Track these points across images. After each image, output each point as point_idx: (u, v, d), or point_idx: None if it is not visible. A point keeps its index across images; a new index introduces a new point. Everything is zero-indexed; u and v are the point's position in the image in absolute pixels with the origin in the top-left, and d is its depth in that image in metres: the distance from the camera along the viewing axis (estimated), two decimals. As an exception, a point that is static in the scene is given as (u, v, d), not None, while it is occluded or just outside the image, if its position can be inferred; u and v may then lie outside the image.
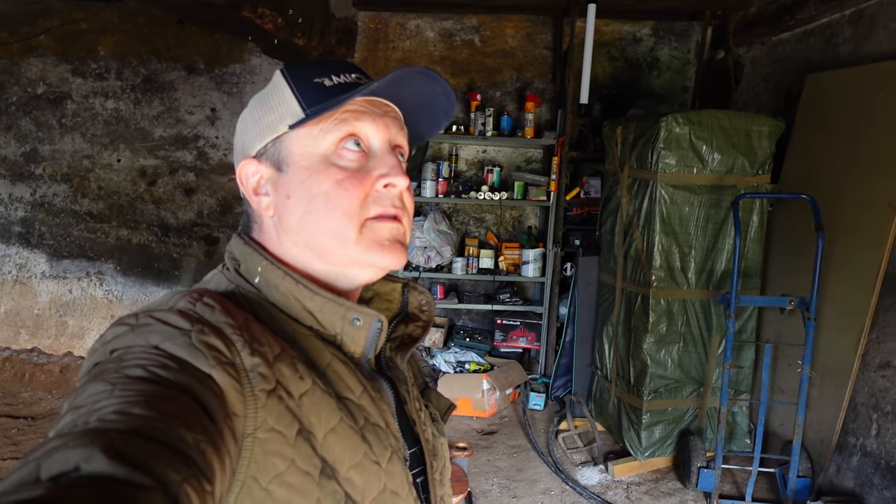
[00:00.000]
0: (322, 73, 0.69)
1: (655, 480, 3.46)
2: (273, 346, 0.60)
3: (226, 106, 4.75)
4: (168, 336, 0.55)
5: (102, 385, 0.48)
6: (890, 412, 2.79)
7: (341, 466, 0.60)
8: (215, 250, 4.87)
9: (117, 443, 0.41)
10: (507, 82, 4.84)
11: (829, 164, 3.27)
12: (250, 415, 0.55)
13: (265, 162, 0.70)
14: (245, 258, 0.70)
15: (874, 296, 2.92)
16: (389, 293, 0.81)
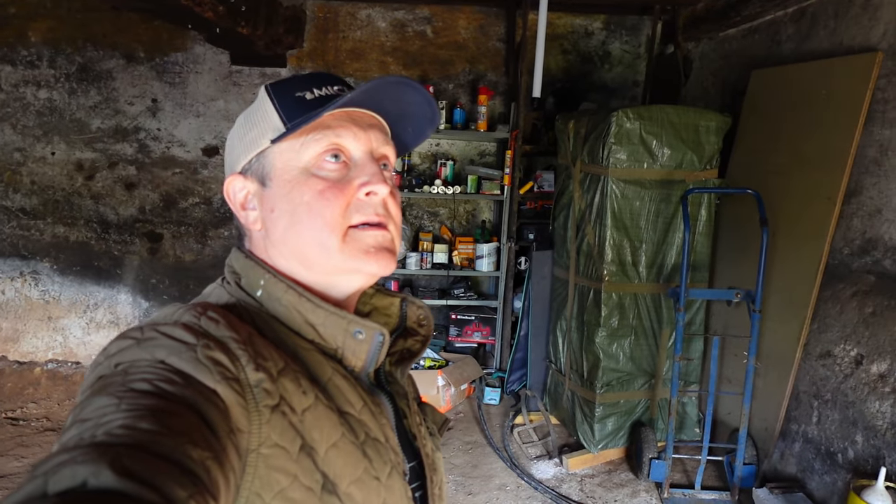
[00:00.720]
0: (304, 87, 0.70)
1: (608, 472, 3.50)
2: (277, 361, 0.61)
3: (168, 96, 4.56)
4: (174, 350, 0.55)
5: (108, 398, 0.48)
6: (830, 400, 2.88)
7: (342, 481, 0.60)
8: (159, 247, 4.70)
9: (125, 458, 0.41)
10: (460, 75, 4.80)
11: (773, 159, 3.34)
12: (254, 431, 0.55)
13: (251, 177, 0.71)
14: (247, 272, 0.70)
15: (815, 287, 3.00)
16: (388, 307, 0.81)
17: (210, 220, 4.71)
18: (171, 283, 4.74)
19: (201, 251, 4.73)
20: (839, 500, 2.72)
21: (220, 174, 4.67)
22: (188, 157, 4.63)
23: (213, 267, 4.74)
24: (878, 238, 2.77)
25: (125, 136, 4.58)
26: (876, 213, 2.78)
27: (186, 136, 4.62)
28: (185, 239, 4.71)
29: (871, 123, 2.83)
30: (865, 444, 2.67)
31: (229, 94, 4.60)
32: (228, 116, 4.61)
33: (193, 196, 4.68)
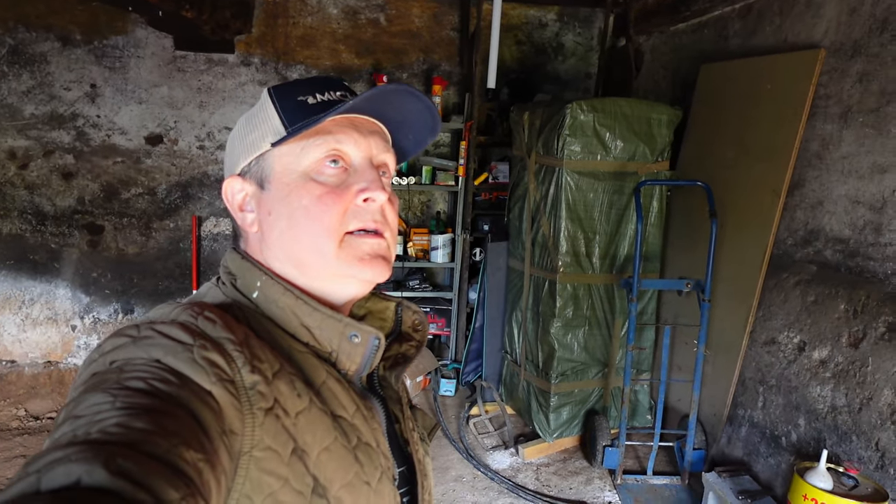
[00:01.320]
0: (307, 91, 0.70)
1: (563, 460, 3.54)
2: (272, 363, 0.61)
3: (108, 82, 4.35)
4: (170, 350, 0.54)
5: (103, 396, 0.48)
6: (774, 385, 2.98)
7: (332, 485, 0.60)
8: (100, 240, 4.49)
9: (119, 458, 0.41)
10: (414, 64, 4.74)
11: (722, 152, 3.43)
12: (248, 433, 0.55)
13: (249, 179, 0.71)
14: (243, 273, 0.70)
15: (761, 277, 3.10)
16: (383, 311, 0.81)
17: (155, 212, 4.53)
18: (113, 277, 4.54)
19: (146, 244, 4.55)
20: (783, 481, 2.82)
21: (165, 163, 4.49)
22: (130, 145, 4.44)
23: (159, 259, 4.57)
24: (819, 229, 2.87)
25: (62, 123, 4.35)
26: (818, 205, 2.88)
27: (128, 124, 4.42)
28: (129, 231, 4.52)
29: (813, 118, 2.92)
30: (808, 427, 2.77)
31: (174, 81, 4.42)
32: (173, 103, 4.44)
33: (136, 186, 4.49)
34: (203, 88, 4.47)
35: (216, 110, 4.52)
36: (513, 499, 3.16)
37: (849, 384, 2.58)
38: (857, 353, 2.56)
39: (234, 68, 4.49)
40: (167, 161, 4.50)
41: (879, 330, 2.48)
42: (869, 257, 2.61)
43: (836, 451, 2.59)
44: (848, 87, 2.75)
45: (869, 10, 2.66)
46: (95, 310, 4.55)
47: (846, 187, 2.74)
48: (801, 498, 2.29)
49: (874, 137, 2.61)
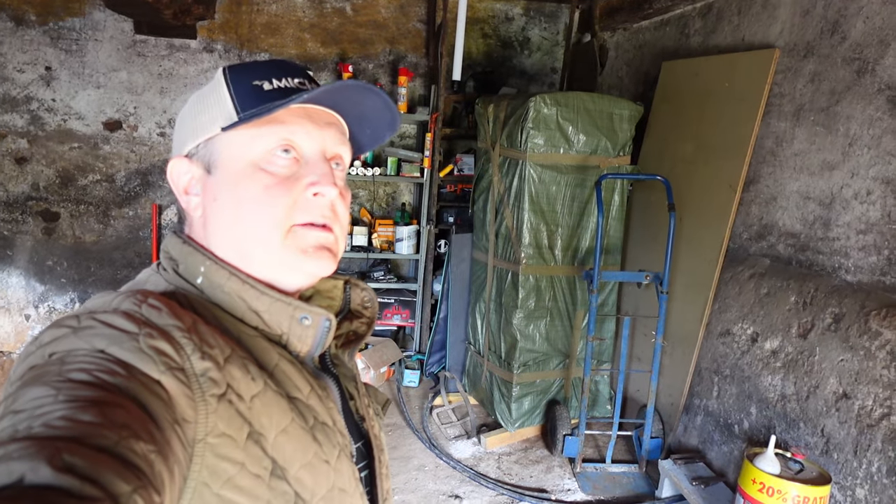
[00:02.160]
0: (263, 75, 0.68)
1: (525, 449, 3.59)
2: (223, 348, 0.59)
3: (63, 65, 4.23)
4: (114, 340, 0.52)
5: (45, 389, 0.46)
6: (728, 375, 3.08)
7: (291, 466, 0.60)
8: (56, 227, 4.37)
9: (64, 453, 0.39)
10: (380, 55, 4.72)
11: (681, 148, 3.50)
12: (201, 420, 0.54)
13: (196, 162, 0.69)
14: (185, 258, 0.68)
15: (717, 270, 3.19)
16: (330, 290, 0.80)
17: (113, 199, 4.43)
18: (70, 266, 4.43)
19: (103, 231, 4.45)
20: (735, 468, 2.92)
21: (124, 150, 4.39)
22: (88, 131, 4.32)
23: (117, 248, 4.47)
24: (773, 224, 2.96)
25: (14, 107, 4.22)
26: (772, 201, 2.98)
27: (85, 109, 4.30)
28: (86, 218, 4.41)
29: (768, 116, 3.01)
30: (759, 415, 2.87)
31: (133, 66, 4.32)
32: (132, 89, 4.33)
33: (94, 173, 4.37)
34: (164, 74, 4.38)
35: (178, 97, 4.43)
36: (474, 487, 3.19)
37: (797, 373, 2.67)
38: (805, 344, 2.66)
39: (196, 54, 4.41)
40: (126, 147, 4.40)
41: (826, 321, 2.58)
42: (818, 251, 2.70)
43: (785, 437, 2.68)
44: (800, 86, 2.84)
45: (821, 13, 2.75)
46: (51, 299, 4.43)
47: (798, 184, 2.83)
48: (750, 482, 2.37)
49: (824, 136, 2.70)
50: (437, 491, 3.16)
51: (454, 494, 3.13)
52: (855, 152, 2.55)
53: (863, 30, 2.55)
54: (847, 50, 2.61)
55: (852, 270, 2.54)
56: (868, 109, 2.50)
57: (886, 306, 2.35)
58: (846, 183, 2.58)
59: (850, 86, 2.59)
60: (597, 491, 3.18)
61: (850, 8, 2.61)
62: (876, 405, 2.31)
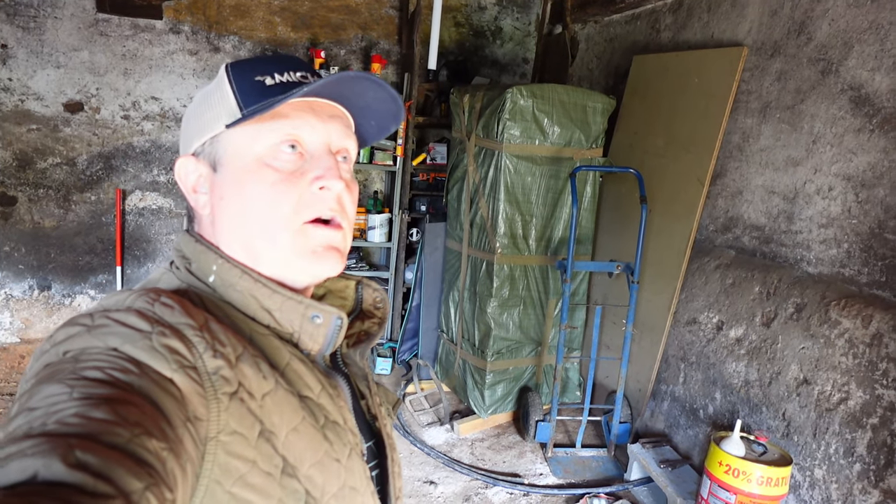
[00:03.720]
0: (266, 70, 0.68)
1: (497, 435, 3.67)
2: (235, 346, 0.60)
3: (21, 43, 4.05)
4: (128, 338, 0.53)
5: (59, 387, 0.46)
6: (694, 362, 3.20)
7: (302, 465, 0.60)
8: (13, 212, 4.21)
9: (77, 450, 0.40)
10: (353, 40, 4.67)
11: (652, 141, 3.59)
12: (213, 418, 0.54)
13: (202, 160, 0.69)
14: (197, 256, 0.68)
15: (685, 261, 3.29)
16: (342, 290, 0.81)
17: (74, 184, 4.29)
18: (28, 251, 4.28)
19: (64, 217, 4.30)
20: (700, 450, 3.04)
21: (86, 133, 4.25)
22: (47, 112, 4.16)
23: (79, 234, 4.33)
24: (738, 217, 3.08)
25: (-32, 86, 4.03)
26: (737, 194, 3.09)
27: (44, 89, 4.14)
28: (45, 203, 4.26)
29: (736, 112, 3.11)
30: (723, 400, 2.99)
31: (95, 45, 4.17)
32: (94, 69, 4.19)
33: (54, 156, 4.22)
34: (128, 55, 4.24)
35: (142, 79, 4.30)
36: (449, 472, 3.25)
37: (761, 360, 2.80)
38: (768, 332, 2.78)
39: (162, 35, 4.28)
40: (88, 130, 4.26)
41: (789, 310, 2.70)
42: (781, 244, 2.83)
43: (749, 421, 2.81)
44: (767, 84, 2.94)
45: (788, 13, 2.85)
46: (8, 286, 4.27)
47: (763, 178, 2.94)
48: (716, 464, 2.48)
49: (789, 133, 2.81)
50: (411, 477, 3.20)
51: (429, 480, 3.18)
52: (818, 149, 2.67)
53: (828, 31, 2.65)
54: (813, 50, 2.72)
55: (814, 262, 2.66)
56: (832, 108, 2.61)
57: (845, 297, 2.48)
58: (809, 179, 2.70)
59: (814, 85, 2.70)
60: (567, 475, 3.27)
61: (817, 10, 2.71)
62: (834, 390, 2.44)
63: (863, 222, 2.45)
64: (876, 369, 2.29)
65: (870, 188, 2.43)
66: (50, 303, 4.36)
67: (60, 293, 4.36)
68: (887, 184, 2.36)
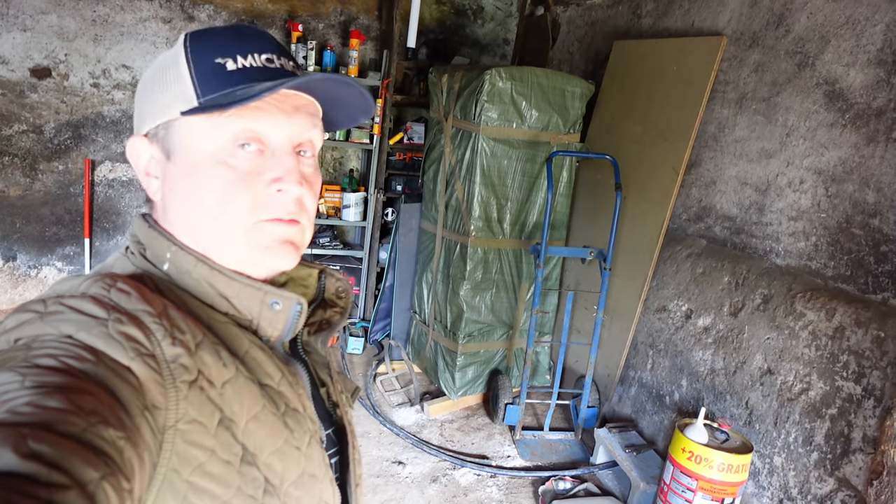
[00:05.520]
0: (228, 50, 0.64)
1: (467, 417, 3.69)
2: (195, 334, 0.58)
3: (-15, 4, 3.90)
4: (83, 325, 0.51)
5: (10, 375, 0.44)
6: (662, 349, 3.24)
7: (262, 452, 0.59)
8: (-24, 180, 4.09)
9: (30, 439, 0.38)
10: (331, 14, 4.58)
11: (629, 128, 3.59)
12: (171, 407, 0.53)
13: (155, 143, 0.66)
14: (151, 243, 0.66)
15: (657, 248, 3.32)
16: (305, 278, 0.79)
17: (41, 152, 4.17)
18: (-9, 222, 4.16)
19: (30, 186, 4.19)
20: (665, 436, 3.09)
21: (53, 100, 4.12)
22: (13, 77, 4.02)
23: (45, 204, 4.22)
24: (711, 206, 3.10)
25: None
26: (711, 184, 3.11)
27: (10, 53, 4.00)
28: (10, 171, 4.13)
29: (713, 102, 3.12)
30: (689, 387, 3.04)
31: (63, 9, 4.03)
32: (63, 34, 4.05)
33: (20, 123, 4.09)
34: (98, 20, 4.11)
35: (113, 46, 4.17)
36: (417, 453, 3.26)
37: (727, 349, 2.84)
38: (735, 322, 2.82)
39: (134, 2, 4.15)
40: (56, 97, 4.13)
41: (756, 301, 2.74)
42: (752, 235, 2.85)
43: (713, 409, 2.86)
44: (745, 75, 2.95)
45: (768, 5, 2.85)
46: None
47: (737, 169, 2.96)
48: (679, 450, 2.52)
49: (763, 125, 2.83)
50: (380, 457, 3.21)
51: (397, 460, 3.19)
52: (791, 142, 2.69)
53: (806, 24, 2.66)
54: (790, 43, 2.72)
55: (782, 254, 2.70)
56: (806, 102, 2.63)
57: (811, 289, 2.52)
58: (781, 171, 2.72)
59: (790, 78, 2.71)
60: (535, 457, 3.31)
61: (796, 2, 2.71)
62: (796, 381, 2.49)
63: (831, 216, 2.48)
64: (837, 361, 2.34)
65: (840, 183, 2.46)
66: (15, 274, 4.25)
67: (26, 264, 4.26)
68: (857, 179, 2.39)
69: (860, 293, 2.34)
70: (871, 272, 2.31)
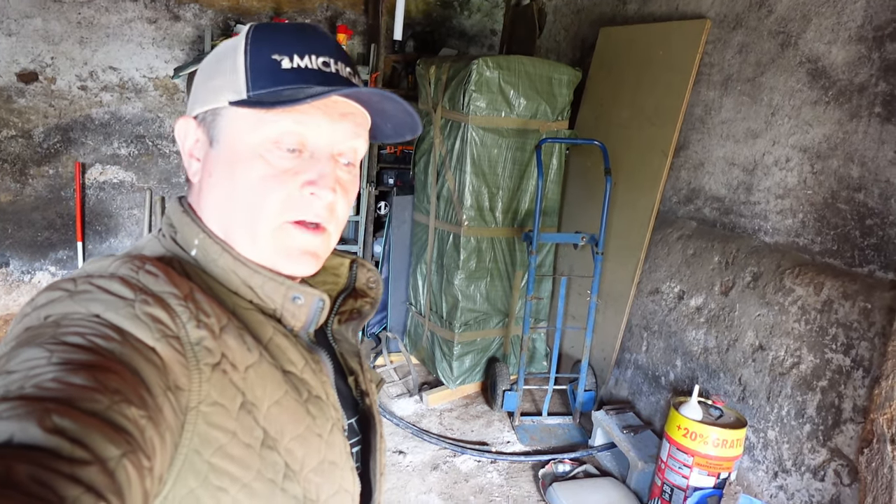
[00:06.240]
0: (286, 47, 0.64)
1: (465, 405, 3.72)
2: (220, 317, 0.59)
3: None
4: (110, 305, 0.52)
5: (38, 350, 0.46)
6: (657, 331, 3.27)
7: (283, 437, 0.60)
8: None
9: (54, 414, 0.39)
10: (318, 10, 4.58)
11: (617, 113, 3.62)
12: (194, 388, 0.54)
13: (202, 128, 0.67)
14: (182, 227, 0.67)
15: (648, 232, 3.35)
16: (337, 268, 0.80)
17: (31, 157, 4.16)
18: (-17, 228, 4.16)
19: (21, 191, 4.18)
20: (662, 416, 3.13)
21: (41, 104, 4.12)
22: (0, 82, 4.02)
23: (37, 209, 4.22)
24: (700, 188, 3.13)
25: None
26: (699, 166, 3.14)
27: (-5, 58, 3.99)
28: (0, 177, 4.13)
29: (699, 85, 3.15)
30: (683, 367, 3.08)
31: (49, 13, 4.02)
32: (48, 37, 4.04)
33: (8, 128, 4.09)
34: (84, 23, 4.10)
35: (99, 48, 4.17)
36: (417, 442, 3.30)
37: (719, 328, 2.88)
38: (727, 301, 2.86)
39: (118, 2, 4.14)
40: (44, 101, 4.12)
41: (746, 279, 2.78)
42: (740, 214, 2.89)
43: (707, 386, 2.90)
44: (729, 56, 2.98)
45: (751, -14, 2.88)
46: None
47: (724, 150, 3.00)
48: (675, 428, 2.56)
49: (749, 105, 2.86)
50: (381, 447, 3.24)
51: (398, 450, 3.23)
52: (777, 121, 2.72)
53: (788, 4, 2.69)
54: (773, 23, 2.75)
55: (770, 232, 2.73)
56: (790, 81, 2.66)
57: (799, 265, 2.56)
58: (768, 150, 2.76)
59: (774, 58, 2.74)
60: (534, 442, 3.35)
61: (777, -17, 2.74)
62: (787, 355, 2.53)
63: (817, 193, 2.52)
64: (826, 334, 2.38)
65: (825, 159, 2.50)
66: (8, 280, 4.25)
67: (19, 270, 4.26)
68: (841, 155, 2.43)
69: (847, 267, 2.38)
70: (857, 246, 2.35)
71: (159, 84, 4.35)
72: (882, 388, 2.03)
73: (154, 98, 4.36)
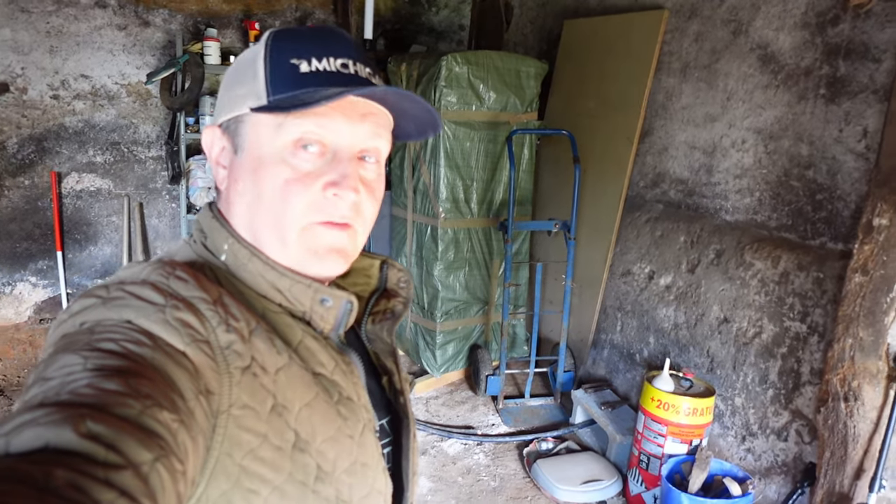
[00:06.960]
0: (305, 51, 0.65)
1: (450, 392, 3.84)
2: (249, 321, 0.60)
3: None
4: (142, 311, 0.54)
5: (74, 357, 0.47)
6: (630, 311, 3.41)
7: (314, 439, 0.60)
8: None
9: (89, 420, 0.41)
10: (287, 11, 4.63)
11: (584, 103, 3.74)
12: (225, 392, 0.55)
13: (227, 136, 0.69)
14: (212, 233, 0.69)
15: (618, 216, 3.49)
16: (367, 269, 0.81)
17: (5, 168, 4.16)
18: (-39, 241, 4.16)
19: (-3, 203, 4.19)
20: (637, 391, 3.28)
21: (14, 115, 4.12)
22: (-30, 95, 4.02)
23: (14, 220, 4.23)
24: (665, 172, 3.27)
25: None
26: (663, 151, 3.28)
27: (-35, 71, 3.98)
28: (-25, 190, 4.13)
29: (659, 73, 3.28)
30: (656, 343, 3.23)
31: (17, 23, 4.02)
32: (17, 47, 4.04)
33: (-19, 141, 4.09)
34: (53, 32, 4.11)
35: (70, 56, 4.18)
36: (405, 430, 3.40)
37: (687, 304, 3.03)
38: (693, 278, 3.01)
39: (87, 10, 4.16)
40: (16, 112, 4.13)
41: (710, 256, 2.92)
42: (702, 195, 3.04)
43: (678, 360, 3.05)
44: (686, 45, 3.12)
45: (704, -24, 3.01)
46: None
47: (685, 135, 3.14)
48: (649, 400, 2.70)
49: (706, 90, 3.00)
50: (370, 436, 3.34)
51: (387, 437, 3.32)
52: (732, 106, 2.86)
53: (738, -6, 2.83)
54: (725, 12, 2.89)
55: (731, 211, 2.88)
56: (742, 66, 2.80)
57: (757, 241, 2.71)
58: (725, 133, 2.90)
59: (727, 45, 2.88)
60: (518, 423, 3.47)
61: (728, -27, 2.88)
62: (750, 326, 2.68)
63: (771, 172, 2.67)
64: (784, 304, 2.53)
65: (777, 140, 2.64)
66: (-11, 292, 4.26)
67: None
68: (791, 135, 2.58)
69: (801, 240, 2.53)
70: (810, 220, 2.50)
71: (132, 90, 4.37)
72: (835, 350, 2.18)
73: (127, 104, 4.39)
